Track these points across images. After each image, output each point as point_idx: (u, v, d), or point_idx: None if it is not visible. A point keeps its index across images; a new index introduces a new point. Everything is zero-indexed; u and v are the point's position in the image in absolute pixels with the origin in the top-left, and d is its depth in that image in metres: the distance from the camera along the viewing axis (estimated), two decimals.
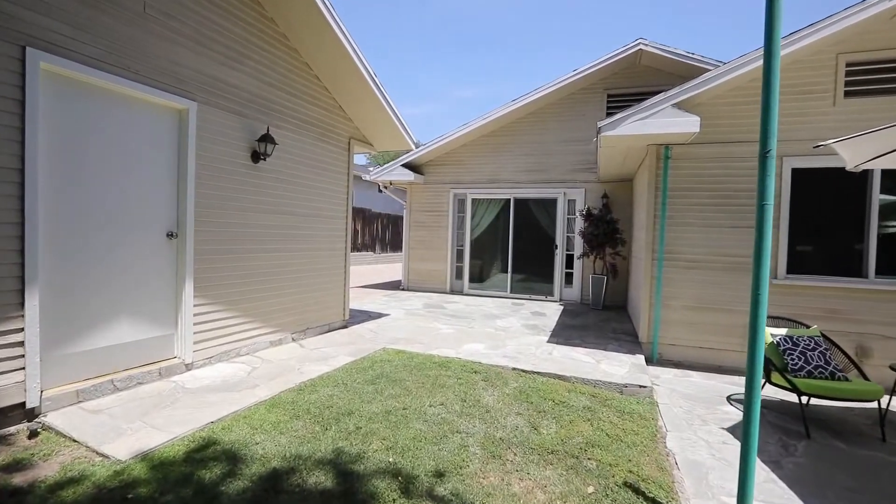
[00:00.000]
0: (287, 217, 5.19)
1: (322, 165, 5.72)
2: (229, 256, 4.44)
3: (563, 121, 9.18)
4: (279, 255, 5.10)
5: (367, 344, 5.43)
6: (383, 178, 9.97)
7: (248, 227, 4.67)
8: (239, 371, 4.15)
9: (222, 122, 4.27)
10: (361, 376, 4.21)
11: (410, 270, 10.50)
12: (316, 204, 5.65)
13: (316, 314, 5.74)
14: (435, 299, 9.11)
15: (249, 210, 4.66)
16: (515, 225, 9.60)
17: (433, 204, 10.29)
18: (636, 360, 5.09)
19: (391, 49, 78.79)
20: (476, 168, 9.89)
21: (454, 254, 10.21)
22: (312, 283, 5.66)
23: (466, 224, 10.03)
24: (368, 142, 6.66)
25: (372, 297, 9.24)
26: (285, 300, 5.21)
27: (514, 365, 4.75)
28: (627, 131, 5.02)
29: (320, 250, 5.78)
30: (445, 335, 5.97)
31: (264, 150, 4.56)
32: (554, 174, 9.28)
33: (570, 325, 6.93)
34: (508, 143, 9.60)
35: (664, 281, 5.48)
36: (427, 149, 9.60)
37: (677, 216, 5.45)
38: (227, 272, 4.40)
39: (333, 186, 5.96)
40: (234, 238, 4.50)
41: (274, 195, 4.98)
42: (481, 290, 9.91)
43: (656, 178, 5.53)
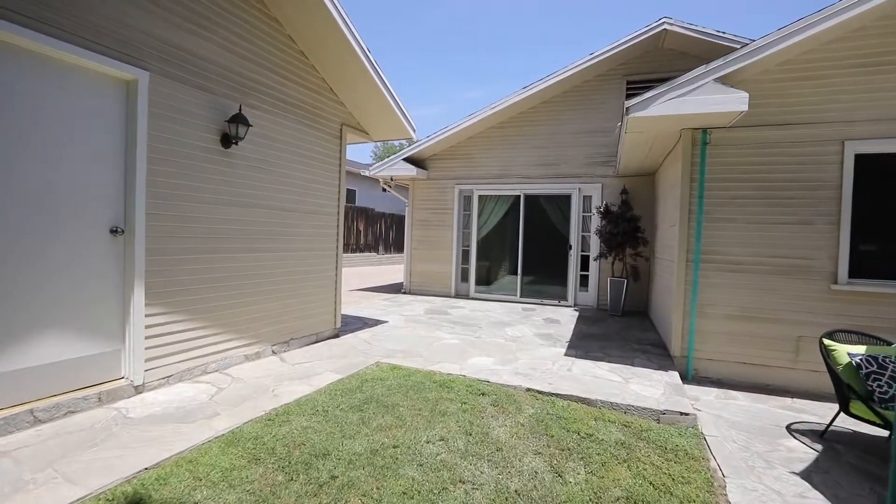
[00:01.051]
0: (266, 212, 4.53)
1: (309, 154, 5.06)
2: (194, 257, 3.78)
3: (579, 110, 8.45)
4: (257, 255, 4.44)
5: (358, 357, 4.75)
6: (383, 174, 9.31)
7: (219, 222, 4.01)
8: (201, 394, 3.48)
9: (183, 97, 3.62)
10: (347, 400, 3.53)
11: (413, 273, 9.81)
12: (302, 198, 4.99)
13: (301, 323, 5.08)
14: (438, 304, 8.41)
15: (220, 203, 4.01)
16: (526, 223, 8.88)
17: (437, 201, 9.61)
18: (670, 379, 4.36)
19: (397, 49, 78.35)
20: (483, 162, 9.19)
21: (459, 255, 9.52)
22: (297, 287, 4.99)
23: (473, 223, 9.34)
24: (363, 129, 5.99)
25: (371, 301, 8.57)
26: (264, 308, 4.55)
27: (528, 384, 4.05)
28: (661, 111, 4.30)
29: (307, 251, 5.11)
30: (449, 347, 5.27)
31: (236, 132, 3.90)
32: (568, 168, 8.56)
33: (589, 333, 6.20)
34: (519, 134, 8.90)
35: (701, 286, 4.75)
36: (431, 141, 8.92)
37: (716, 211, 4.71)
38: (190, 275, 3.75)
39: (322, 178, 5.29)
40: (201, 236, 3.84)
41: (250, 186, 4.32)
42: (489, 295, 9.21)
43: (691, 168, 4.80)
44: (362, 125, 5.95)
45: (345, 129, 5.60)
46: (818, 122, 4.38)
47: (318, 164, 5.20)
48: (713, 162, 4.71)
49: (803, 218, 4.43)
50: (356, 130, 5.85)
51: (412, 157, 9.29)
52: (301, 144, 4.93)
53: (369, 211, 19.29)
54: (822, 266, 4.37)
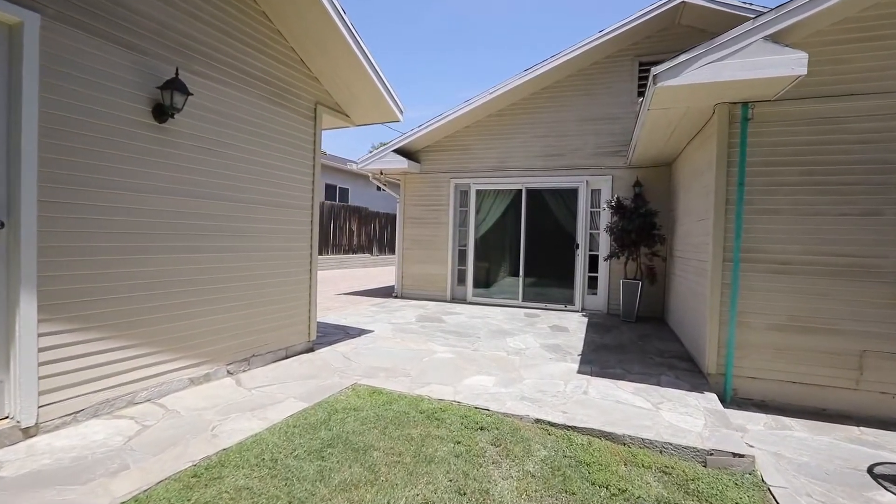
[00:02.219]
0: (220, 204, 3.74)
1: (275, 136, 4.27)
2: (117, 259, 3.00)
3: (586, 95, 7.69)
4: (207, 256, 3.66)
5: (332, 378, 3.96)
6: (372, 167, 8.52)
7: (153, 215, 3.23)
8: (116, 436, 2.69)
9: (97, 54, 2.83)
10: (306, 441, 2.74)
11: (405, 275, 9.03)
12: (266, 188, 4.20)
13: (266, 336, 4.29)
14: (432, 309, 7.62)
15: (154, 191, 3.22)
16: (528, 220, 8.11)
17: (431, 197, 8.83)
18: (709, 404, 3.59)
19: (396, 49, 77.52)
20: (481, 153, 8.41)
21: (456, 255, 8.74)
22: (261, 294, 4.20)
23: (470, 220, 8.56)
24: (343, 111, 5.21)
25: (357, 306, 7.78)
26: (217, 319, 3.76)
27: (537, 413, 3.27)
28: (696, 78, 3.53)
29: (273, 250, 4.33)
30: (441, 362, 4.49)
31: (171, 101, 3.11)
32: (574, 159, 7.78)
33: (602, 344, 5.42)
34: (519, 123, 8.12)
35: (741, 290, 3.98)
36: (423, 130, 8.14)
37: (759, 201, 3.95)
38: (111, 281, 2.96)
39: (293, 166, 4.51)
40: (127, 231, 3.06)
41: (198, 172, 3.54)
42: (488, 299, 8.42)
43: (728, 150, 4.03)
44: (342, 106, 5.17)
45: (320, 109, 4.82)
46: (888, 92, 3.61)
47: (287, 148, 4.42)
48: (755, 142, 3.94)
49: (868, 208, 3.66)
50: (334, 112, 5.06)
51: (404, 148, 8.51)
52: (265, 125, 4.15)
53: (363, 210, 18.50)
54: (894, 266, 3.60)
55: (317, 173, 4.81)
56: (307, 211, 4.72)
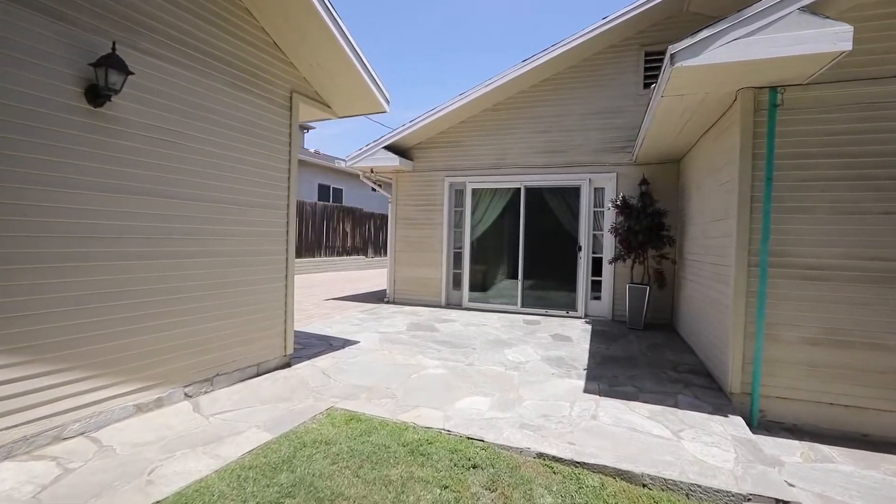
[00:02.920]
0: (176, 203, 3.27)
1: (243, 127, 3.80)
2: (45, 268, 2.52)
3: (588, 87, 7.22)
4: (161, 263, 3.18)
5: (306, 400, 3.48)
6: (362, 164, 8.04)
7: (91, 216, 2.75)
8: (26, 484, 2.20)
9: (14, 23, 2.36)
10: (261, 490, 2.26)
11: (397, 279, 8.55)
12: (233, 185, 3.73)
13: (234, 351, 3.81)
14: (425, 316, 7.14)
15: (91, 188, 2.74)
16: (527, 221, 7.64)
17: (424, 196, 8.35)
18: (736, 430, 3.12)
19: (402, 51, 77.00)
20: (478, 150, 7.94)
21: (451, 258, 8.26)
22: (227, 304, 3.72)
23: (465, 221, 8.08)
24: (323, 101, 4.74)
25: (345, 313, 7.29)
26: (173, 334, 3.28)
27: (539, 445, 2.81)
28: (722, 58, 3.07)
29: (242, 255, 3.85)
30: (431, 380, 4.01)
31: (106, 81, 2.63)
32: (576, 155, 7.32)
33: (610, 356, 4.95)
34: (518, 117, 7.65)
35: (770, 299, 3.51)
36: (416, 126, 7.67)
37: (789, 198, 3.49)
38: (36, 293, 2.48)
39: (265, 160, 4.03)
40: (57, 234, 2.58)
41: (147, 166, 3.06)
42: (485, 304, 7.94)
43: (754, 141, 3.57)
44: (322, 95, 4.69)
45: (297, 98, 4.35)
46: None
47: (258, 140, 3.94)
48: (785, 132, 3.48)
49: None
50: (313, 101, 4.59)
51: (395, 144, 8.03)
52: (231, 113, 3.67)
53: (357, 211, 18.02)
54: None
55: (293, 169, 4.33)
56: (282, 211, 4.24)
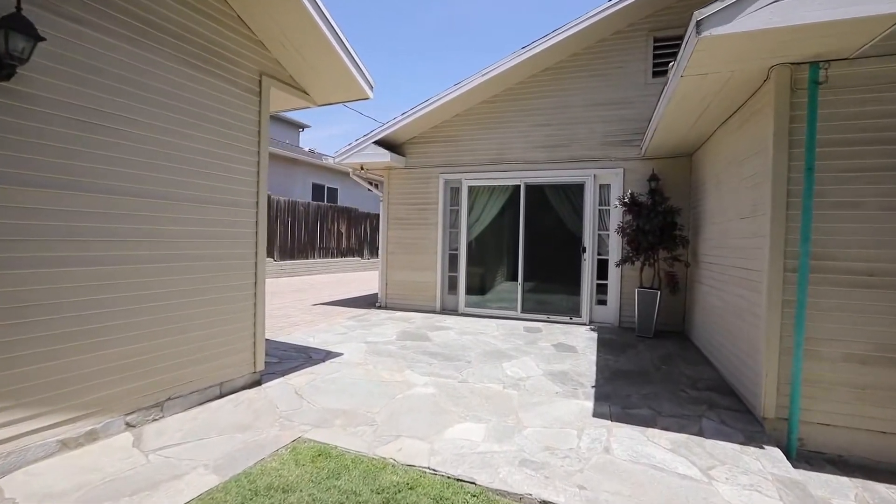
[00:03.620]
0: (117, 200, 2.78)
1: (201, 112, 3.30)
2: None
3: (593, 76, 6.73)
4: (97, 269, 2.69)
5: (271, 429, 2.99)
6: (351, 161, 7.55)
7: (2, 214, 2.26)
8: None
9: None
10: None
11: (389, 283, 8.05)
12: (190, 179, 3.23)
13: (192, 370, 3.31)
14: (418, 323, 6.64)
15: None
16: (528, 220, 7.14)
17: (418, 194, 7.85)
18: (778, 468, 2.63)
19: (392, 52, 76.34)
20: (474, 145, 7.44)
21: (446, 260, 7.76)
22: (184, 316, 3.23)
23: (462, 220, 7.59)
24: (299, 86, 4.24)
25: (332, 320, 6.80)
26: (113, 353, 2.79)
27: (543, 491, 2.32)
28: (758, 24, 2.57)
29: (202, 259, 3.35)
30: (418, 401, 3.52)
31: (6, 47, 2.14)
32: (580, 150, 6.82)
33: (619, 370, 4.45)
34: (517, 109, 7.16)
35: (809, 309, 3.02)
36: (408, 119, 7.17)
37: (833, 191, 2.99)
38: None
39: (229, 151, 3.54)
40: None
41: (75, 155, 2.57)
42: (482, 309, 7.44)
43: (790, 126, 3.08)
44: (297, 80, 4.20)
45: (268, 82, 3.85)
46: None
47: (219, 129, 3.44)
48: (829, 115, 2.99)
49: None
50: (288, 87, 4.10)
51: (386, 139, 7.54)
52: (183, 96, 3.18)
53: (352, 211, 17.52)
54: None
55: (263, 162, 3.84)
56: (250, 210, 3.75)
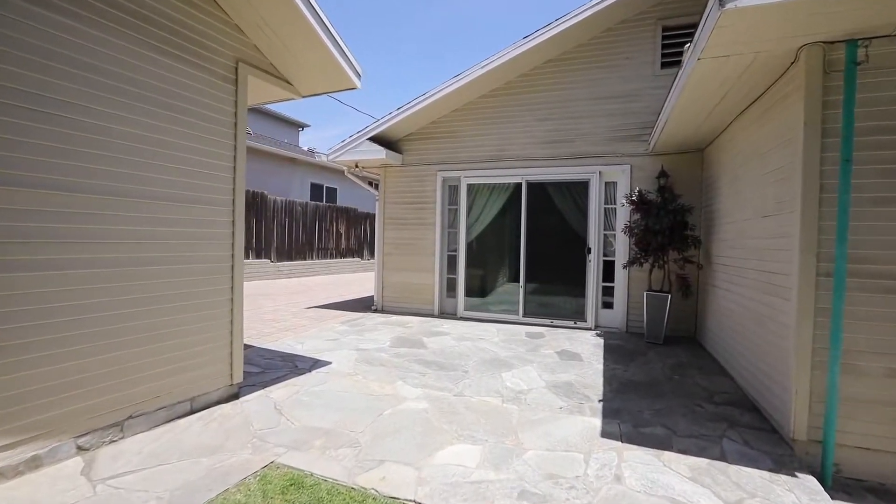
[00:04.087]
0: (72, 198, 2.48)
1: (167, 102, 3.00)
2: None
3: (599, 68, 6.39)
4: (46, 274, 2.39)
5: (241, 452, 2.68)
6: (345, 158, 7.24)
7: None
8: None
9: None
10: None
11: (385, 285, 7.74)
12: (156, 174, 2.94)
13: (159, 384, 3.01)
14: (414, 328, 6.33)
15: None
16: (530, 220, 6.81)
17: (415, 193, 7.54)
18: (815, 501, 2.29)
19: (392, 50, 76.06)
20: (474, 141, 7.12)
21: (444, 262, 7.45)
22: (148, 325, 2.93)
23: (461, 220, 7.27)
24: (281, 75, 3.93)
25: (324, 324, 6.49)
26: (64, 368, 2.49)
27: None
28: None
29: (168, 263, 3.05)
30: (408, 419, 3.20)
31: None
32: (585, 145, 6.49)
33: (629, 381, 4.12)
34: (519, 103, 6.83)
35: (846, 319, 2.68)
36: (404, 114, 6.86)
37: (875, 186, 2.65)
38: None
39: (201, 144, 3.23)
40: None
41: (21, 146, 2.27)
42: (483, 313, 7.12)
43: (823, 113, 2.74)
44: (279, 69, 3.89)
45: (245, 70, 3.54)
46: None
47: (190, 120, 3.14)
48: (868, 99, 2.65)
49: None
50: (269, 76, 3.79)
51: (382, 135, 7.23)
52: (146, 82, 2.88)
53: (352, 211, 17.23)
54: None
55: (240, 157, 3.53)
56: (226, 208, 3.44)
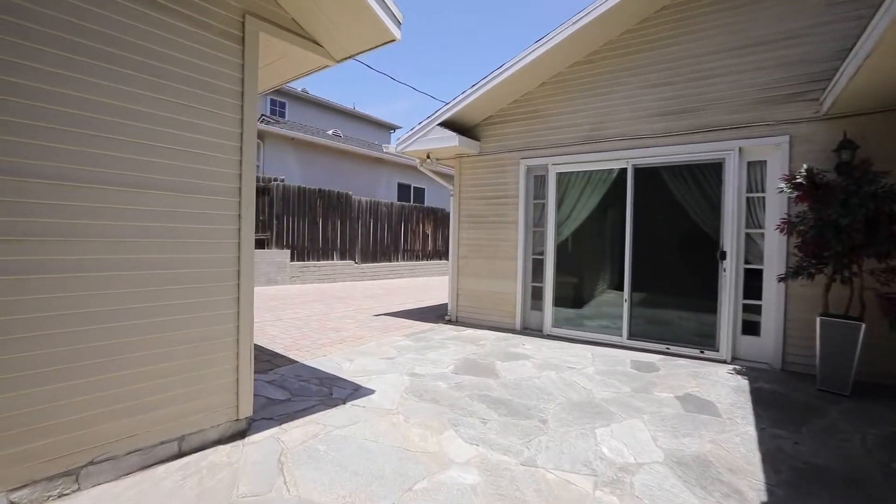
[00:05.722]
0: (31, 185, 1.91)
1: (150, 65, 2.36)
2: None
3: (738, 7, 4.72)
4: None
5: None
6: (413, 148, 6.43)
7: None
8: None
9: None
10: None
11: (460, 292, 6.77)
12: (140, 156, 2.32)
13: (134, 421, 2.37)
14: (488, 347, 5.25)
15: None
16: (636, 215, 5.34)
17: (494, 186, 6.46)
18: None
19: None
20: (564, 120, 5.83)
21: (528, 267, 6.25)
22: (122, 345, 2.30)
23: (548, 217, 6.01)
24: (305, 33, 3.15)
25: (386, 337, 5.71)
26: (4, 400, 1.91)
27: None
28: None
29: (152, 268, 2.41)
30: (446, 499, 2.16)
31: None
32: (716, 114, 4.85)
33: (807, 464, 2.59)
34: (623, 68, 5.40)
35: None
36: (479, 91, 5.82)
37: None
38: None
39: (194, 119, 2.56)
40: None
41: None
42: (575, 332, 5.78)
43: None
44: (302, 24, 3.12)
45: (255, 24, 2.82)
46: None
47: (183, 89, 2.48)
48: None
49: None
50: (289, 33, 3.04)
51: (454, 120, 6.28)
52: (121, 39, 2.25)
53: (439, 212, 16.65)
54: None
55: (249, 137, 2.81)
56: (229, 199, 2.74)
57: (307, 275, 11.77)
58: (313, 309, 7.63)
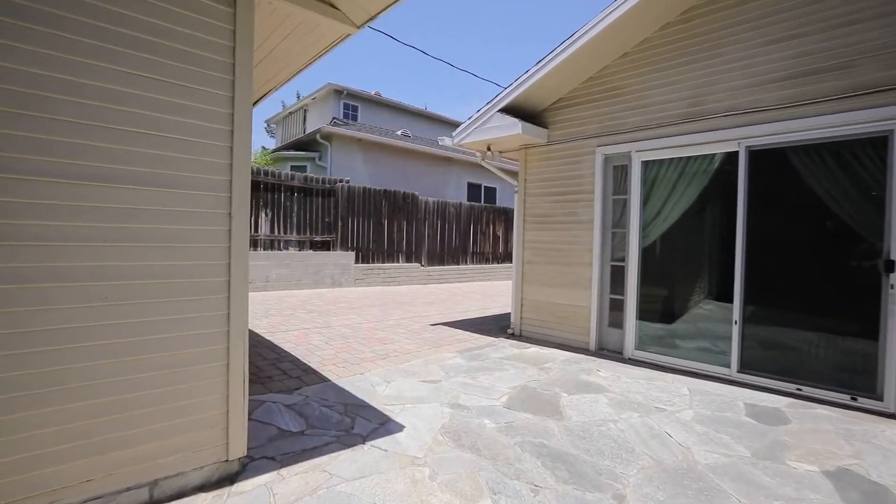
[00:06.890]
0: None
1: (106, 32, 1.94)
2: None
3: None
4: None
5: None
6: (472, 140, 5.73)
7: None
8: None
9: None
10: None
11: (525, 303, 5.92)
12: (107, 144, 1.91)
13: (92, 462, 1.95)
14: (553, 373, 4.37)
15: None
16: (751, 211, 4.13)
17: (564, 180, 5.54)
18: None
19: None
20: (651, 95, 4.77)
21: (606, 275, 5.24)
22: (80, 371, 1.90)
23: (631, 215, 4.96)
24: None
25: (439, 351, 5.05)
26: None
27: None
28: None
29: (118, 279, 1.99)
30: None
31: None
32: (874, 70, 3.53)
33: None
34: (731, 23, 4.23)
35: None
36: (545, 69, 4.94)
37: None
38: None
39: (173, 97, 2.11)
40: None
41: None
42: (665, 356, 4.68)
43: None
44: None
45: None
46: None
47: (163, 62, 2.05)
48: None
49: None
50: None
51: (517, 105, 5.46)
52: (67, 3, 1.85)
53: (510, 212, 15.72)
54: None
55: (242, 120, 2.31)
56: (216, 196, 2.26)
57: (371, 277, 11.58)
58: (367, 315, 7.24)
